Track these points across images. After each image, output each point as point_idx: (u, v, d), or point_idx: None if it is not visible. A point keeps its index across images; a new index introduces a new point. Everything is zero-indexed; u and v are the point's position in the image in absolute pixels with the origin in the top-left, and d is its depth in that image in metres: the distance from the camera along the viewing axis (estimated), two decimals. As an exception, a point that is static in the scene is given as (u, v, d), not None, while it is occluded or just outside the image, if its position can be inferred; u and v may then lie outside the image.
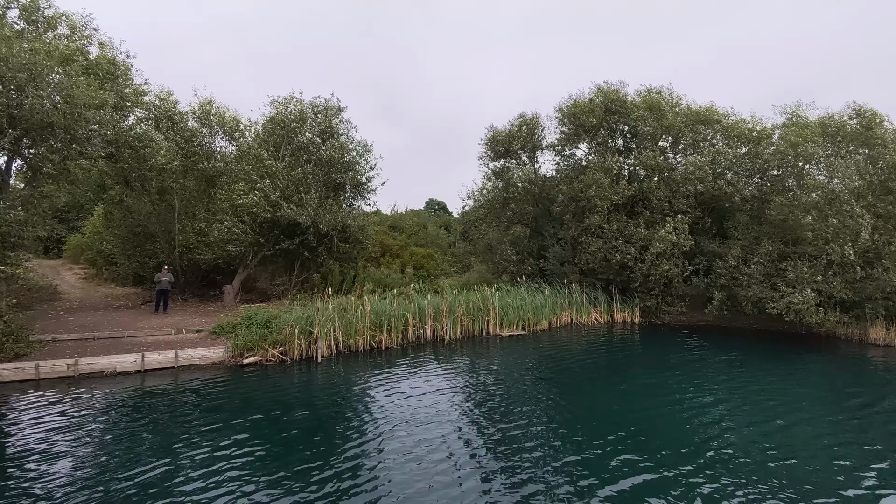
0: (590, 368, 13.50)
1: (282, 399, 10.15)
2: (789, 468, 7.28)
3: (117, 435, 8.02)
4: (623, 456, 7.56)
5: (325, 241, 18.86)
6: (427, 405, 9.84)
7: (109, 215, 21.52)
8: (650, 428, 8.82)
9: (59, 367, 11.01)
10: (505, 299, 18.83)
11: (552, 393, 11.00)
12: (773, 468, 7.28)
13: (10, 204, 10.65)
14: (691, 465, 7.32)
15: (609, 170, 20.83)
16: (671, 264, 18.76)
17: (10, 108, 10.95)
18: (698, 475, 6.97)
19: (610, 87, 23.39)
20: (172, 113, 18.61)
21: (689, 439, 8.38)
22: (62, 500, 5.99)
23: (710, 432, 8.74)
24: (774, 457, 7.69)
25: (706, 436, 8.58)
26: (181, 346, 12.76)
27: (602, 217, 20.46)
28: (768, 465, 7.41)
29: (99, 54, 14.73)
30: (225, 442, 7.77)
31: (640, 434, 8.52)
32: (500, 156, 26.82)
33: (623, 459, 7.46)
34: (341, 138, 20.36)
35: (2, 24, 12.14)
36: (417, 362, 13.61)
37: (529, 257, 24.66)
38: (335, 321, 14.26)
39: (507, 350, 15.72)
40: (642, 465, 7.24)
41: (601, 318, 20.96)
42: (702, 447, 8.05)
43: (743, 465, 7.38)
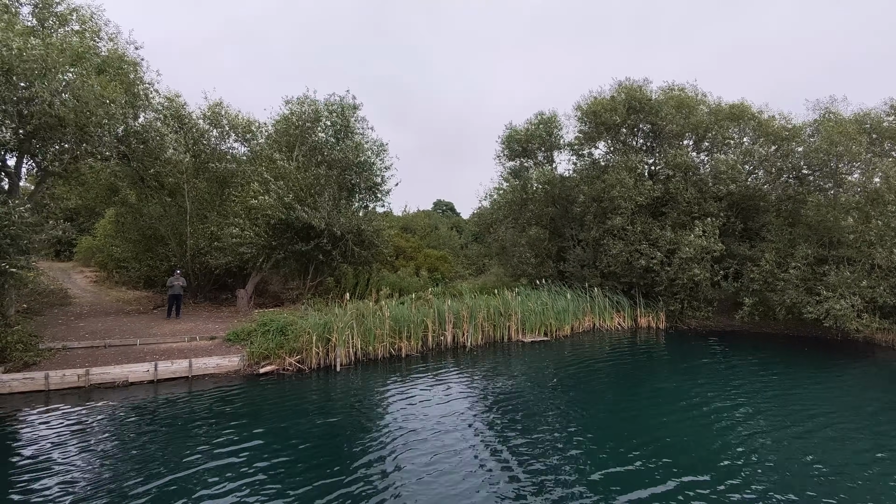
0: (614, 375, 13.00)
1: (300, 410, 9.74)
2: (822, 480, 6.87)
3: (129, 449, 7.72)
4: (648, 465, 7.32)
5: (339, 245, 18.29)
6: (448, 415, 9.53)
7: (120, 218, 21.16)
8: (676, 436, 8.51)
9: (70, 378, 10.53)
10: (526, 304, 18.16)
11: (575, 401, 10.66)
12: (804, 479, 6.87)
13: (18, 202, 10.15)
14: (718, 474, 7.03)
15: (633, 169, 20.06)
16: (701, 268, 17.96)
17: (20, 105, 10.50)
18: (725, 486, 6.67)
19: (632, 85, 22.62)
20: (182, 114, 18.20)
21: (717, 448, 8.05)
22: None
23: (739, 441, 8.37)
24: (807, 467, 7.28)
25: (735, 445, 8.21)
26: (195, 355, 12.26)
27: (625, 219, 19.70)
28: (800, 476, 7.00)
29: (110, 50, 14.31)
30: (241, 455, 7.48)
31: (667, 443, 8.18)
32: (517, 155, 26.16)
33: (648, 468, 7.16)
34: (356, 137, 19.81)
35: (14, 19, 11.72)
36: (438, 371, 13.05)
37: (548, 260, 23.95)
38: (353, 328, 13.69)
39: (531, 357, 15.09)
40: (667, 475, 6.98)
41: (625, 323, 20.22)
42: (729, 456, 7.70)
43: (772, 475, 7.01)
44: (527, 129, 25.20)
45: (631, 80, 23.06)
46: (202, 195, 19.48)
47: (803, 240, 17.39)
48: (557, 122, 25.35)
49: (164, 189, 18.09)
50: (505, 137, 26.06)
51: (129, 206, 20.11)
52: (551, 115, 25.42)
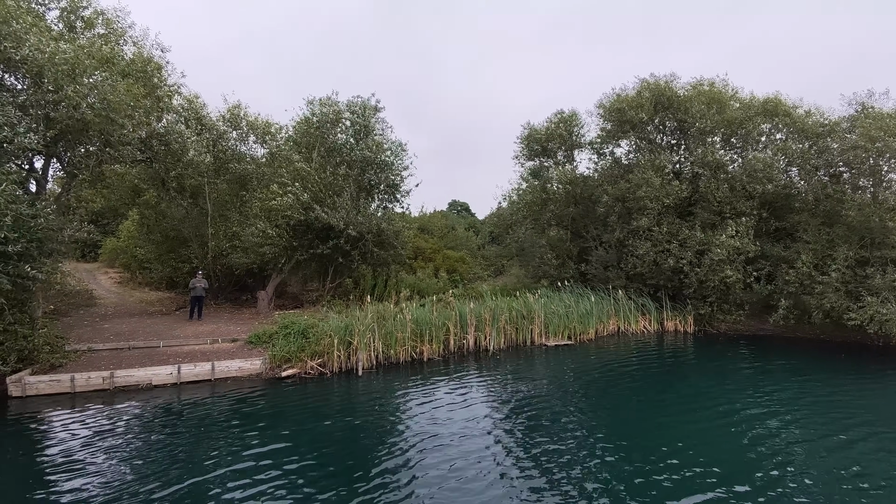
0: (640, 380, 12.61)
1: (322, 414, 9.67)
2: (866, 495, 6.45)
3: (153, 451, 7.76)
4: (677, 475, 7.07)
5: (359, 246, 18.14)
6: (471, 420, 9.26)
7: (144, 219, 21.40)
8: (706, 445, 8.21)
9: (95, 380, 10.55)
10: (549, 306, 17.72)
11: (600, 406, 10.43)
12: (847, 494, 6.47)
13: (44, 205, 10.20)
14: (752, 486, 6.70)
15: (660, 169, 19.42)
16: (733, 270, 17.25)
17: (47, 108, 10.56)
18: (754, 498, 6.34)
19: (658, 81, 21.97)
20: (201, 115, 18.30)
21: (750, 458, 7.70)
22: None
23: (775, 450, 7.99)
24: (848, 480, 6.87)
25: (770, 454, 7.83)
26: (217, 357, 12.19)
27: (652, 219, 19.08)
28: (841, 489, 6.61)
29: (135, 53, 14.41)
30: (263, 459, 7.45)
31: (696, 451, 7.86)
32: (537, 155, 25.70)
33: (677, 478, 6.91)
34: (376, 138, 19.65)
35: (43, 24, 11.83)
36: (461, 375, 12.81)
37: (569, 261, 23.44)
38: (374, 331, 13.48)
39: (554, 361, 14.70)
40: (697, 485, 6.75)
41: (651, 327, 19.59)
42: (764, 467, 7.33)
43: (812, 487, 6.67)
44: (547, 127, 24.72)
45: (656, 76, 22.42)
46: (223, 196, 19.56)
47: (843, 241, 16.55)
48: (578, 121, 24.83)
49: (185, 191, 18.19)
50: (524, 137, 25.62)
51: (152, 208, 20.32)
52: (571, 113, 24.91)
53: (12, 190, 9.25)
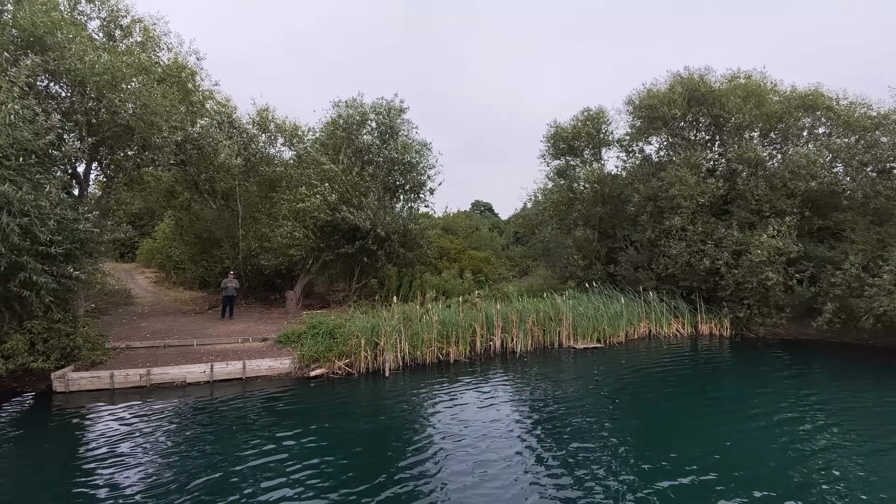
0: (672, 384, 12.17)
1: (349, 414, 9.74)
2: None
3: (187, 446, 8.02)
4: (711, 482, 6.76)
5: (385, 246, 18.19)
6: (496, 421, 9.20)
7: (179, 221, 22.09)
8: (743, 452, 7.91)
9: (133, 377, 10.89)
10: (577, 308, 17.33)
11: (630, 411, 10.05)
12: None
13: (86, 210, 10.60)
14: (783, 496, 6.38)
15: (696, 166, 18.72)
16: (774, 271, 16.44)
17: (90, 115, 10.98)
18: None
19: (691, 75, 21.22)
20: (233, 119, 18.73)
21: (784, 467, 7.35)
22: None
23: (811, 461, 7.60)
24: (887, 494, 6.46)
25: (805, 464, 7.45)
26: (248, 356, 12.41)
27: (686, 218, 18.41)
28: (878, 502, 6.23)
29: (170, 60, 14.87)
30: (292, 456, 7.59)
31: (732, 458, 7.61)
32: (563, 154, 25.24)
33: (711, 486, 6.69)
34: (401, 139, 19.69)
35: (85, 34, 12.32)
36: (487, 377, 12.66)
37: (597, 262, 22.90)
38: (401, 332, 13.45)
39: (583, 364, 14.36)
40: (732, 493, 6.54)
41: (684, 330, 18.90)
42: (798, 477, 6.99)
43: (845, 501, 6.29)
44: (573, 125, 24.23)
45: (689, 70, 21.68)
46: (252, 198, 19.99)
47: (895, 240, 15.54)
48: (606, 118, 24.25)
49: (216, 193, 18.68)
50: (550, 135, 25.19)
51: (186, 210, 20.95)
52: (599, 110, 24.34)
53: (57, 194, 9.63)
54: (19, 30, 10.33)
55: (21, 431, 8.75)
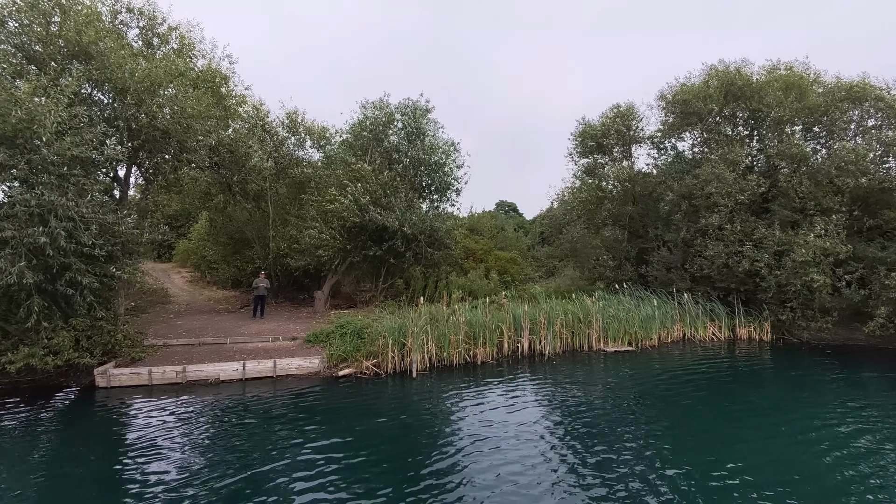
0: (708, 390, 11.68)
1: (376, 413, 9.81)
2: None
3: (220, 441, 8.28)
4: (742, 493, 6.48)
5: (412, 247, 18.21)
6: (524, 424, 9.09)
7: (213, 222, 22.76)
8: (778, 462, 7.55)
9: (169, 374, 11.24)
10: (607, 310, 16.87)
11: (662, 417, 9.72)
12: None
13: (126, 213, 11.02)
14: None
15: (734, 162, 17.93)
16: (820, 273, 15.55)
17: (130, 121, 11.41)
18: None
19: (727, 67, 20.36)
20: (265, 122, 19.16)
21: (827, 479, 7.02)
22: (168, 493, 6.51)
23: (856, 472, 7.19)
24: None
25: (849, 476, 7.04)
26: (279, 355, 12.64)
27: (723, 217, 17.65)
28: None
29: (205, 66, 15.32)
30: (320, 454, 7.73)
31: (765, 468, 7.26)
32: (591, 151, 24.66)
33: (742, 497, 6.41)
34: (428, 138, 19.67)
35: (124, 42, 12.82)
36: (515, 379, 12.49)
37: (627, 262, 22.29)
38: (427, 332, 13.41)
39: (614, 367, 13.97)
40: None
41: (721, 334, 18.13)
42: (841, 490, 6.57)
43: None
44: (602, 122, 23.61)
45: (725, 63, 20.81)
46: (282, 200, 20.38)
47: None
48: (636, 114, 23.56)
49: (248, 195, 19.15)
50: (578, 133, 24.65)
51: (220, 211, 21.57)
52: (629, 106, 23.63)
53: (99, 198, 10.04)
54: (65, 41, 10.83)
55: (67, 423, 9.23)
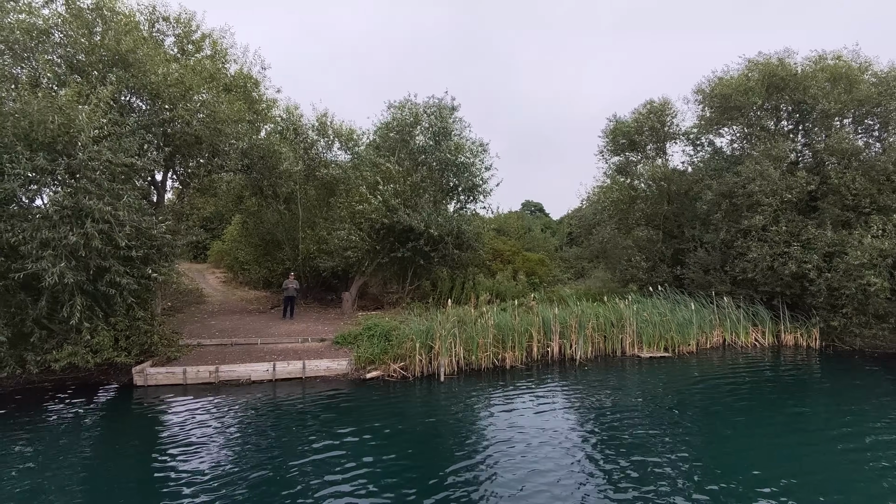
0: (749, 399, 11.09)
1: (403, 417, 9.79)
2: None
3: (250, 440, 8.48)
4: None
5: (438, 248, 18.06)
6: (552, 431, 8.87)
7: (245, 224, 23.29)
8: (826, 480, 7.08)
9: (203, 374, 11.46)
10: (641, 314, 16.23)
11: (698, 427, 9.32)
12: None
13: (162, 218, 11.31)
14: None
15: (778, 158, 16.95)
16: (877, 275, 14.47)
17: (165, 126, 11.72)
18: None
19: (768, 59, 19.30)
20: (297, 125, 19.43)
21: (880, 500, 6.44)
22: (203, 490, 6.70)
23: None
24: None
25: None
26: (308, 356, 12.72)
27: (767, 217, 16.69)
28: None
29: (236, 71, 15.64)
30: (347, 456, 7.79)
31: (811, 486, 6.82)
32: (623, 149, 23.90)
33: None
34: (455, 138, 19.47)
35: (160, 49, 13.21)
36: (545, 385, 12.20)
37: (661, 264, 21.44)
38: (455, 335, 13.21)
39: (648, 374, 13.42)
40: None
41: (764, 340, 17.16)
42: None
43: None
44: (636, 119, 22.83)
45: (765, 55, 19.76)
46: (311, 202, 20.62)
47: None
48: (671, 110, 22.68)
49: (279, 197, 19.45)
50: (609, 130, 23.94)
51: (251, 214, 22.05)
52: (664, 101, 22.77)
53: (135, 202, 10.33)
54: (106, 49, 11.21)
55: (109, 420, 9.63)
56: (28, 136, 8.89)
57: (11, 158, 8.72)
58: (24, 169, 8.78)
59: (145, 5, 14.09)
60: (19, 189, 8.84)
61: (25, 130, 8.80)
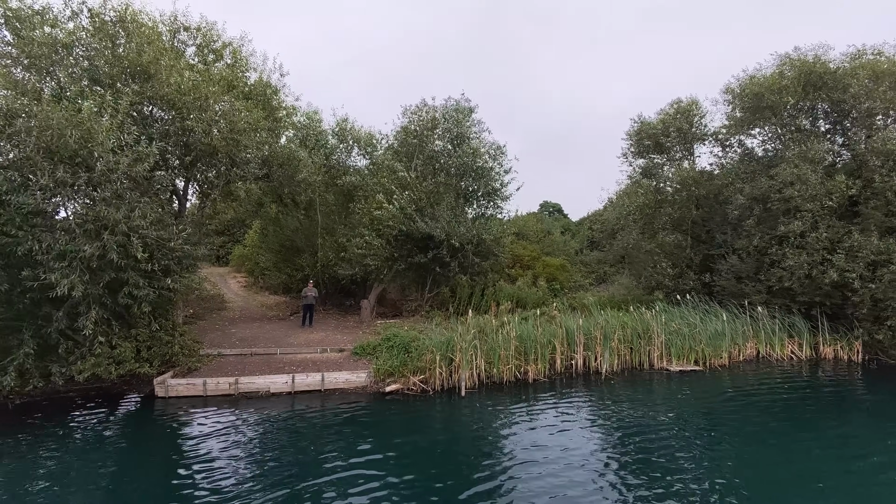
0: (784, 418, 10.53)
1: (423, 432, 9.68)
2: None
3: (269, 454, 8.50)
4: None
5: (458, 256, 17.72)
6: (577, 449, 8.69)
7: (264, 231, 23.39)
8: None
9: (223, 385, 11.40)
10: (669, 324, 15.58)
11: (730, 449, 8.86)
12: None
13: (181, 228, 11.28)
14: None
15: (815, 161, 16.08)
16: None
17: (184, 136, 11.71)
18: None
19: (803, 56, 18.37)
20: (318, 131, 19.37)
21: None
22: None
23: None
24: None
25: None
26: (327, 368, 12.56)
27: (806, 223, 15.82)
28: None
29: (256, 80, 15.62)
30: (366, 472, 7.73)
31: None
32: (648, 151, 23.13)
33: None
34: (473, 142, 19.09)
35: (181, 59, 13.24)
36: (569, 399, 11.82)
37: (689, 270, 20.64)
38: (476, 347, 12.86)
39: (678, 389, 12.88)
40: None
41: (801, 352, 16.29)
42: None
43: None
44: (662, 120, 22.05)
45: (800, 51, 18.83)
46: (330, 208, 20.54)
47: None
48: (699, 110, 21.84)
49: (298, 205, 19.41)
50: (634, 132, 23.19)
51: (271, 220, 22.12)
52: (691, 101, 21.93)
53: (153, 214, 10.31)
54: (129, 62, 11.25)
55: (131, 431, 9.73)
56: (49, 149, 8.93)
57: (34, 172, 8.78)
58: (47, 182, 8.81)
59: (167, 15, 14.21)
60: (42, 202, 8.87)
61: (47, 144, 8.83)
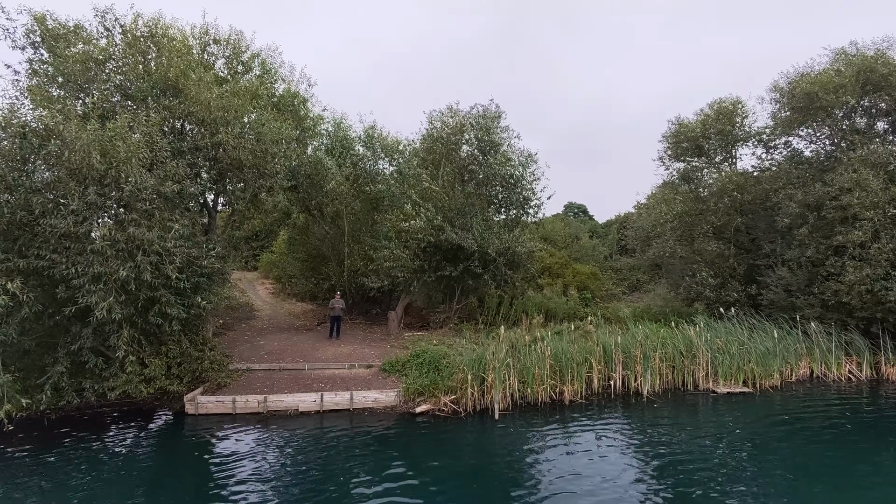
0: (841, 446, 9.80)
1: (457, 457, 9.35)
2: None
3: (301, 474, 8.42)
4: None
5: (490, 268, 17.18)
6: (614, 479, 8.22)
7: (292, 239, 23.44)
8: None
9: (252, 403, 11.26)
10: (714, 341, 14.62)
11: (779, 480, 8.22)
12: None
13: (211, 246, 11.19)
14: None
15: (878, 165, 14.83)
16: None
17: (213, 150, 11.62)
18: None
19: (862, 52, 17.04)
20: (345, 140, 19.21)
21: None
22: None
23: None
24: None
25: None
26: (355, 385, 12.30)
27: (867, 233, 14.60)
28: None
29: (284, 90, 15.54)
30: (395, 496, 7.60)
31: None
32: (686, 154, 21.98)
33: None
34: (501, 149, 18.49)
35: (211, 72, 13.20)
36: (608, 423, 11.21)
37: (733, 281, 19.45)
38: (510, 366, 12.30)
39: (725, 412, 12.09)
40: None
41: (860, 372, 15.05)
42: None
43: None
44: (702, 121, 20.88)
45: (858, 46, 17.49)
46: (357, 216, 20.35)
47: None
48: (742, 110, 20.60)
49: (325, 215, 19.28)
50: (671, 134, 22.07)
51: (298, 229, 22.12)
52: (734, 100, 20.71)
53: (184, 232, 10.21)
54: (159, 77, 11.23)
55: (163, 448, 9.80)
56: (79, 171, 8.91)
57: (65, 195, 8.78)
58: (78, 206, 8.79)
59: (199, 28, 14.24)
60: (73, 225, 8.84)
61: (77, 166, 8.81)
